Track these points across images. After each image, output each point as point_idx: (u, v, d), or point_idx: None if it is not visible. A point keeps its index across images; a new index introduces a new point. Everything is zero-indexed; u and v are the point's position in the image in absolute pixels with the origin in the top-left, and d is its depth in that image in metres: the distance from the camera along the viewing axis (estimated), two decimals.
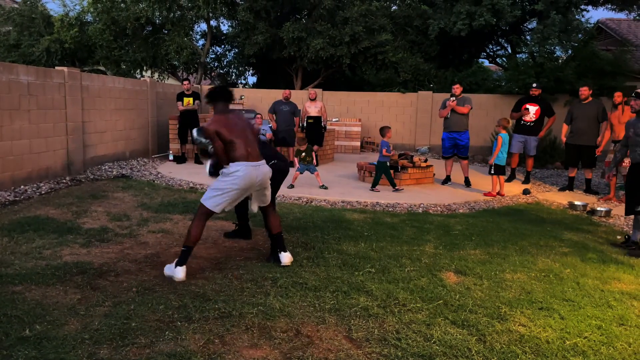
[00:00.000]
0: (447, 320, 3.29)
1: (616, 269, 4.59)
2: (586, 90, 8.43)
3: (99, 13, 14.18)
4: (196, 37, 17.43)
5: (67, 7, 15.75)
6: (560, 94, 13.21)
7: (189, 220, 5.61)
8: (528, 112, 9.01)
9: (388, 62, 14.85)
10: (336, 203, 7.01)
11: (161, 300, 3.39)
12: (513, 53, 16.56)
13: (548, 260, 4.76)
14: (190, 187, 7.77)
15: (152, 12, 14.23)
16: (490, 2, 12.98)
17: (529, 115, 9.03)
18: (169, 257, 4.35)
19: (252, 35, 14.44)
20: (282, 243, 4.29)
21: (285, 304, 3.42)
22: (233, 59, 17.56)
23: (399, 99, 14.36)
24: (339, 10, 14.43)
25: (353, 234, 5.34)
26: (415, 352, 2.85)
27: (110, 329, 2.94)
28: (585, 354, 2.92)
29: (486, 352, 2.90)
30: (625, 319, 3.44)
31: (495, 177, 8.04)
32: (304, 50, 14.12)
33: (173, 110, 11.78)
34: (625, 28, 17.75)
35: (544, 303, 3.66)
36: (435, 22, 14.08)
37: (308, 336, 3.01)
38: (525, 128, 9.11)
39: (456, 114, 8.46)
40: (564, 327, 3.26)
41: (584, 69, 13.13)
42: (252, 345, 2.87)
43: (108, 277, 3.80)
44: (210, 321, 3.12)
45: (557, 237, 5.68)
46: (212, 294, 3.55)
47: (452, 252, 4.85)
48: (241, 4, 14.62)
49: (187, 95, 10.05)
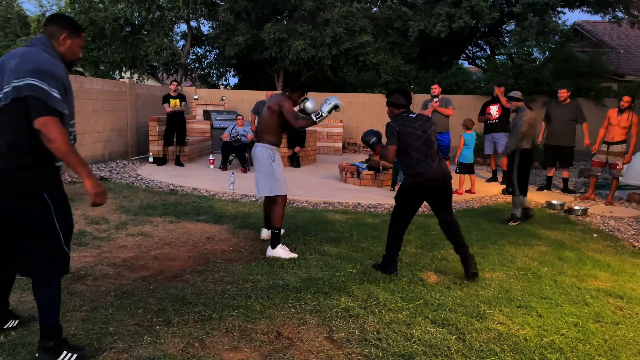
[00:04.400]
0: (427, 319, 3.32)
1: (592, 266, 4.67)
2: (565, 92, 8.57)
3: (77, 13, 13.99)
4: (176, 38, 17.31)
5: (43, 8, 15.51)
6: (538, 95, 13.43)
7: (169, 223, 5.57)
8: (491, 117, 9.19)
9: (369, 63, 14.92)
10: (318, 204, 7.01)
11: (140, 304, 3.35)
12: (492, 55, 16.80)
13: (526, 258, 4.82)
14: (171, 189, 7.71)
15: (131, 12, 14.08)
16: (469, 5, 13.13)
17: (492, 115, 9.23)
18: (148, 260, 4.30)
19: (232, 36, 14.38)
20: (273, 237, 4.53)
21: (266, 306, 3.41)
22: (214, 60, 17.47)
23: (380, 100, 14.41)
24: (319, 12, 14.45)
25: (335, 234, 5.35)
26: (396, 352, 2.87)
27: (87, 334, 2.90)
28: (562, 351, 2.97)
29: (465, 350, 2.93)
30: (601, 316, 3.50)
31: (462, 176, 8.16)
32: (285, 51, 14.11)
33: (153, 111, 11.68)
34: (601, 30, 18.12)
35: (522, 301, 3.71)
36: (415, 23, 14.19)
37: (289, 338, 3.00)
38: (490, 127, 9.32)
39: (438, 115, 8.54)
40: (541, 325, 3.31)
41: (560, 70, 13.37)
42: (233, 348, 2.86)
43: (85, 282, 3.75)
44: (190, 324, 3.10)
45: (535, 235, 5.77)
46: (192, 297, 3.52)
47: (433, 251, 4.89)
48: (221, 5, 14.54)
49: (173, 97, 9.94)
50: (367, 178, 8.62)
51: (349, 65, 15.12)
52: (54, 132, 2.39)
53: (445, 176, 4.17)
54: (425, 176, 4.06)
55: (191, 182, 8.23)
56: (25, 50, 2.54)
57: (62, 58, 2.63)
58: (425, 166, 4.07)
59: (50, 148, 2.41)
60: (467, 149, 8.07)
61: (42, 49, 2.54)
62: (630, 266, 4.76)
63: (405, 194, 4.20)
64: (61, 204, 2.59)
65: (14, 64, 2.45)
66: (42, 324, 2.59)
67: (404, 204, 4.21)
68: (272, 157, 4.56)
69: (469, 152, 8.09)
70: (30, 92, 2.39)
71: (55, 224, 2.54)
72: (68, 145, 2.43)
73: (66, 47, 2.65)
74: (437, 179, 4.11)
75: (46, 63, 2.48)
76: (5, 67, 2.48)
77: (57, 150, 2.41)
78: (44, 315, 2.58)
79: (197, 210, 6.26)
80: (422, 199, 4.21)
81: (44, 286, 2.57)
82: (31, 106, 2.39)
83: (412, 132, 4.10)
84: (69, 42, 2.65)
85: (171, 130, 9.97)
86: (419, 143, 4.09)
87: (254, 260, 4.42)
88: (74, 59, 2.78)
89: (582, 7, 14.71)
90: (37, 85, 2.39)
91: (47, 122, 2.39)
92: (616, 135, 7.65)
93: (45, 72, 2.44)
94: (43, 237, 2.52)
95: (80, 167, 2.48)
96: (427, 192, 4.15)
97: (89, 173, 2.51)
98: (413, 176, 4.10)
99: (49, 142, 2.40)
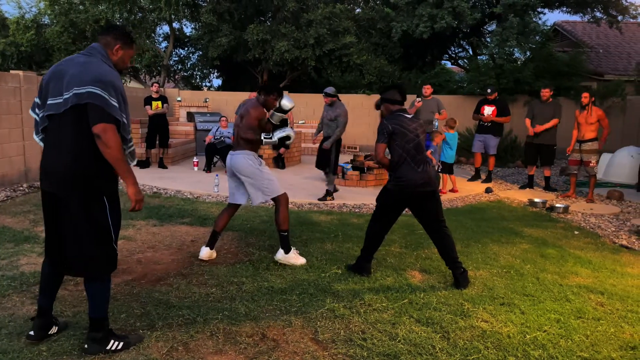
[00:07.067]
0: (412, 318, 3.33)
1: (574, 263, 4.74)
2: (547, 92, 8.68)
3: (57, 15, 13.82)
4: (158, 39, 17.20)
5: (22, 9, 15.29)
6: (520, 94, 13.59)
7: (152, 226, 5.51)
8: (484, 117, 9.25)
9: (353, 64, 14.96)
10: (303, 205, 7.01)
11: (123, 309, 3.31)
12: (474, 55, 16.96)
13: (509, 256, 4.87)
14: (154, 192, 7.64)
15: (112, 14, 13.94)
16: (451, 5, 13.24)
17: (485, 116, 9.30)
18: (131, 264, 4.25)
19: (215, 38, 14.31)
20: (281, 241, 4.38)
21: (251, 308, 3.40)
22: (197, 61, 17.39)
23: (364, 101, 14.47)
24: (303, 13, 14.46)
25: (320, 235, 5.35)
26: (381, 352, 2.87)
27: (69, 340, 2.85)
28: (544, 347, 3.00)
29: (450, 348, 2.95)
30: (582, 312, 3.55)
31: (445, 176, 8.23)
32: (268, 52, 14.09)
33: (135, 113, 11.55)
34: (580, 30, 18.39)
35: (506, 299, 3.75)
36: (398, 24, 14.26)
37: (274, 340, 2.99)
38: (483, 128, 9.38)
39: (423, 114, 8.60)
40: (524, 322, 3.35)
41: (541, 70, 13.55)
42: (217, 351, 2.84)
43: (67, 287, 3.69)
44: (174, 328, 3.07)
45: (518, 233, 5.83)
46: (176, 300, 3.49)
47: (417, 251, 4.92)
48: (204, 6, 14.47)
49: (155, 99, 9.84)
50: (352, 179, 8.64)
51: (333, 66, 15.15)
52: (111, 139, 2.55)
53: (430, 181, 4.02)
54: (409, 181, 3.95)
55: (175, 184, 8.16)
56: (86, 59, 2.67)
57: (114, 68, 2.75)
58: (410, 171, 3.95)
59: (104, 153, 2.56)
60: (450, 149, 8.13)
61: (101, 60, 2.69)
62: (610, 262, 4.84)
63: (387, 195, 4.13)
64: (115, 208, 2.76)
65: (76, 72, 2.58)
66: (93, 316, 2.74)
67: (384, 205, 4.14)
68: (255, 161, 4.35)
69: (452, 152, 8.15)
70: (91, 100, 2.53)
71: (109, 224, 2.71)
72: (121, 153, 2.60)
73: (118, 57, 2.79)
74: (421, 184, 3.97)
75: (108, 74, 2.62)
76: (64, 74, 2.61)
77: (110, 156, 2.57)
78: (95, 309, 2.74)
79: (180, 212, 6.21)
80: (404, 205, 4.09)
81: (97, 281, 2.73)
82: (91, 113, 2.53)
83: (406, 133, 3.97)
84: (121, 53, 2.80)
85: (153, 132, 9.87)
86: (410, 146, 3.97)
87: (239, 262, 4.39)
88: (124, 69, 2.92)
89: (561, 7, 14.94)
90: (98, 93, 2.54)
91: (106, 129, 2.54)
92: (586, 133, 7.80)
93: (107, 82, 2.58)
94: (99, 236, 2.68)
95: (129, 175, 2.65)
96: (410, 198, 4.03)
97: (134, 181, 2.68)
98: (397, 179, 4.01)
99: (105, 148, 2.55)
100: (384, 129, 4.00)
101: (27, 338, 2.81)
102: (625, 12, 14.11)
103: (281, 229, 4.34)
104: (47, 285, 2.84)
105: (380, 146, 4.02)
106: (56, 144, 2.63)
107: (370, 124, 14.41)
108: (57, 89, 2.61)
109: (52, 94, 2.64)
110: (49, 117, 2.67)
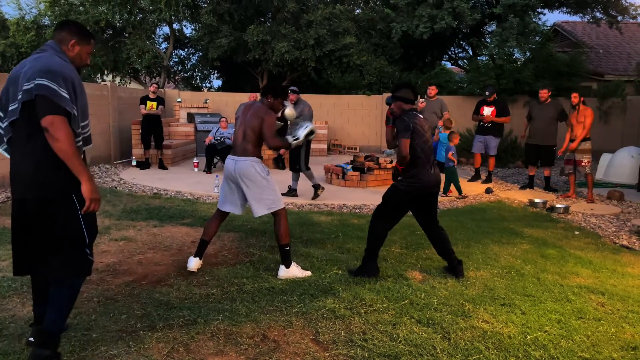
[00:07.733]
0: (413, 319, 3.33)
1: (575, 263, 4.74)
2: (545, 93, 8.69)
3: (57, 16, 13.83)
4: (158, 40, 17.20)
5: (22, 11, 15.28)
6: (520, 94, 13.60)
7: (152, 227, 5.52)
8: (484, 118, 9.25)
9: (353, 64, 14.96)
10: (303, 206, 7.01)
11: (123, 310, 3.31)
12: (474, 55, 16.97)
13: (510, 257, 4.87)
14: (154, 192, 7.64)
15: (112, 15, 13.95)
16: (451, 6, 13.25)
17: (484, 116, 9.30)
18: (131, 265, 4.26)
19: (216, 39, 14.31)
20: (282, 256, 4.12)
21: (251, 309, 3.40)
22: (197, 62, 17.38)
23: (364, 101, 14.48)
24: (303, 14, 14.46)
25: (320, 236, 5.34)
26: (382, 353, 2.87)
27: (70, 341, 2.85)
28: (545, 348, 3.00)
29: (450, 349, 2.95)
30: (583, 312, 3.55)
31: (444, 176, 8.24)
32: (269, 53, 14.09)
33: (136, 115, 11.55)
34: (580, 30, 18.40)
35: (506, 299, 3.75)
36: (398, 25, 14.27)
37: (275, 341, 2.99)
38: (484, 129, 9.37)
39: (426, 115, 8.61)
40: (525, 322, 3.35)
41: (541, 70, 13.55)
42: (218, 352, 2.84)
43: None
44: (175, 329, 3.07)
45: (518, 234, 5.83)
46: (176, 301, 3.49)
47: (418, 251, 4.91)
48: (204, 7, 14.47)
49: (151, 99, 9.83)
50: (352, 179, 8.64)
51: (333, 67, 15.15)
52: (60, 132, 2.37)
53: (438, 183, 4.14)
54: (421, 182, 3.99)
55: (175, 185, 8.17)
56: (36, 56, 2.57)
57: (70, 64, 2.64)
58: (425, 173, 3.99)
59: (54, 147, 2.39)
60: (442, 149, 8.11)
61: (53, 53, 2.57)
62: (611, 263, 4.84)
63: (398, 194, 4.09)
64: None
65: (27, 69, 2.47)
66: (47, 329, 2.51)
67: (392, 204, 4.12)
68: (263, 171, 4.11)
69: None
70: (40, 92, 2.38)
71: (82, 226, 2.56)
72: (72, 147, 2.41)
73: (75, 53, 2.68)
74: (431, 185, 4.05)
75: (56, 65, 2.50)
76: (18, 75, 2.50)
77: (60, 150, 2.39)
78: (51, 321, 2.51)
79: (181, 213, 6.21)
80: (411, 205, 4.12)
81: (64, 287, 2.54)
82: (39, 104, 2.39)
83: (422, 133, 3.99)
84: (77, 49, 2.68)
85: (147, 132, 9.86)
86: (427, 147, 4.01)
87: (239, 263, 4.39)
88: (82, 66, 2.80)
89: (561, 7, 14.95)
90: (46, 84, 2.40)
91: (54, 121, 2.37)
92: (578, 133, 7.80)
93: (56, 72, 2.45)
94: (71, 239, 2.53)
95: (82, 171, 2.45)
96: (418, 198, 4.07)
97: (89, 177, 2.47)
98: (411, 180, 4.01)
99: (54, 141, 2.38)
100: (406, 125, 3.95)
101: (27, 344, 2.76)
102: (625, 13, 14.12)
103: (282, 243, 4.09)
104: (36, 294, 2.78)
105: (406, 141, 3.92)
106: (19, 148, 2.52)
107: (370, 124, 14.42)
108: (14, 94, 2.50)
109: (11, 100, 2.51)
110: (11, 124, 2.53)
